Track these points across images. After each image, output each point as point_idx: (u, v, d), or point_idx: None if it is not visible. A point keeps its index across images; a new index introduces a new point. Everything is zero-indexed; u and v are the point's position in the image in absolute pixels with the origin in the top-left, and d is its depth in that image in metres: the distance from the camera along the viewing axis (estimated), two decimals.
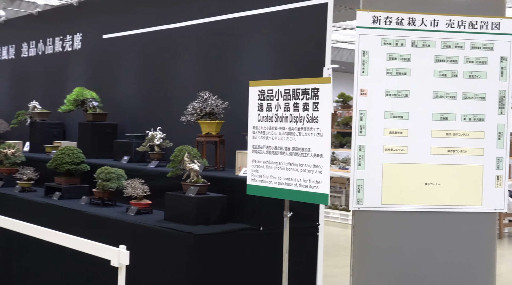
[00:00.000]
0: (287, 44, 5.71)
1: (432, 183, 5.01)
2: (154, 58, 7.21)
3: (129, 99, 7.53)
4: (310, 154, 4.15)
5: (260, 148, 4.49)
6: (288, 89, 4.31)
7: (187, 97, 6.33)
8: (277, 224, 4.88)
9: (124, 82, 7.69)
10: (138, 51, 7.45)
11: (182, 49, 6.85)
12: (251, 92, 4.55)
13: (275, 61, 5.84)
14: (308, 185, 4.15)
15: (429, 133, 4.96)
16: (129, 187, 5.55)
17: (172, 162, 5.15)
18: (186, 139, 6.35)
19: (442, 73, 5.01)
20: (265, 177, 4.44)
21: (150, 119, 7.00)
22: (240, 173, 5.23)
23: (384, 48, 5.10)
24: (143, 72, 7.36)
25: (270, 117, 4.41)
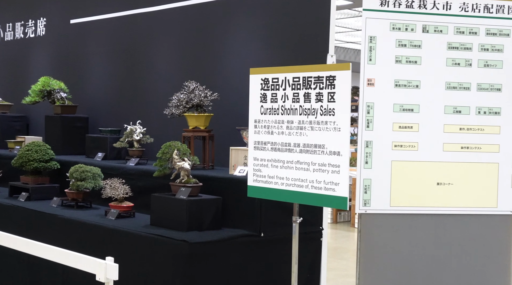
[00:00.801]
0: (283, 28, 5.22)
1: (444, 182, 4.63)
2: (129, 45, 6.63)
3: (100, 90, 6.96)
4: (325, 151, 3.68)
5: (264, 144, 4.00)
6: (298, 78, 3.83)
7: (169, 88, 5.80)
8: (278, 229, 4.43)
9: (95, 71, 7.10)
10: (111, 37, 6.87)
11: (161, 35, 6.30)
12: (252, 81, 4.06)
13: (270, 48, 5.34)
14: (323, 187, 3.69)
15: (441, 128, 4.57)
16: (108, 188, 5.00)
17: (159, 160, 4.62)
18: (168, 134, 5.84)
19: (455, 62, 4.59)
20: (269, 177, 3.96)
21: (126, 112, 6.46)
22: (235, 172, 4.74)
23: (393, 33, 4.69)
24: (117, 61, 6.79)
25: (275, 110, 3.92)
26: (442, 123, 4.41)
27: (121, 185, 5.06)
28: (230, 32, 5.67)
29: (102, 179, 5.41)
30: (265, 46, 5.38)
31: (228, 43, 5.68)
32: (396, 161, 4.49)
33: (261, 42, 5.43)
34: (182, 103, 5.31)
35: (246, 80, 5.41)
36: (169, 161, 4.62)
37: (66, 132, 6.56)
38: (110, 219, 4.90)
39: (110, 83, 6.75)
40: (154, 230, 4.45)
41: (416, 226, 4.38)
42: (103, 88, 6.82)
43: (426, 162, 4.44)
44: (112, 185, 5.06)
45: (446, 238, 4.43)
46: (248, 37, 5.54)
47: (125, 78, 6.67)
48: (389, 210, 4.44)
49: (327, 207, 4.11)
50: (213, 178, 4.78)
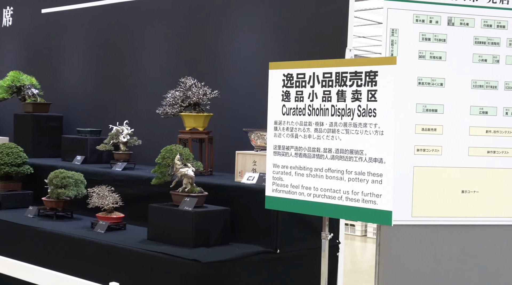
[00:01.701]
0: (295, 19, 4.76)
1: (469, 190, 4.30)
2: (110, 37, 6.10)
3: (77, 86, 6.44)
4: (364, 157, 3.23)
5: (286, 148, 3.53)
6: (329, 73, 3.38)
7: (159, 86, 5.32)
8: (295, 244, 3.98)
9: (71, 66, 6.55)
10: (89, 28, 6.34)
11: (150, 25, 5.76)
12: (272, 78, 3.59)
13: (279, 41, 4.88)
14: (361, 199, 3.24)
15: (467, 130, 4.23)
16: (96, 196, 4.46)
17: (158, 166, 4.11)
18: (159, 136, 5.35)
19: (482, 58, 4.25)
20: (293, 187, 3.50)
21: (107, 112, 5.97)
22: (242, 179, 4.25)
23: (417, 26, 4.37)
24: (96, 54, 6.29)
25: (301, 110, 3.46)
26: (468, 125, 4.09)
27: (110, 193, 4.53)
28: (232, 22, 5.17)
29: (85, 186, 4.83)
30: (273, 39, 4.91)
31: (230, 34, 5.18)
32: (419, 166, 4.11)
33: (269, 34, 4.95)
34: (178, 102, 4.79)
35: (251, 76, 4.95)
36: (169, 166, 4.10)
37: (38, 132, 6.11)
38: (99, 232, 4.35)
39: (89, 79, 6.36)
40: (155, 246, 3.93)
41: (440, 238, 4.05)
42: (80, 85, 6.43)
43: (450, 167, 4.12)
44: (100, 193, 4.52)
45: (472, 251, 4.12)
46: (254, 28, 5.06)
47: (106, 73, 6.19)
48: (410, 221, 4.06)
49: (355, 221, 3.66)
50: (217, 186, 4.28)
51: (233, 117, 5.00)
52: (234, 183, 4.29)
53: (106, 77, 6.12)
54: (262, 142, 4.34)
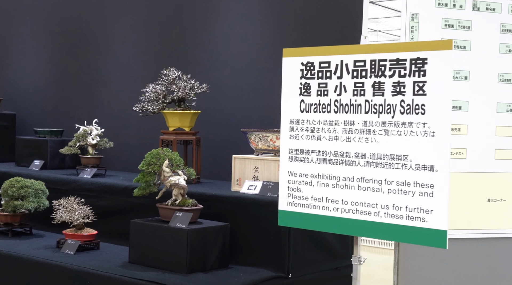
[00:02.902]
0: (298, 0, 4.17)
1: (496, 198, 4.01)
2: (74, 22, 5.58)
3: (33, 81, 5.88)
4: (409, 164, 2.70)
5: (306, 153, 2.98)
6: (362, 61, 2.84)
7: (133, 79, 4.81)
8: (308, 266, 3.42)
9: (25, 58, 5.97)
10: (47, 11, 5.73)
11: (121, 9, 5.18)
12: (287, 67, 3.05)
13: (280, 26, 4.30)
14: (405, 215, 2.71)
15: (493, 130, 3.94)
16: (62, 210, 3.82)
17: (142, 174, 3.50)
18: (135, 137, 4.77)
19: (509, 48, 3.92)
20: (314, 200, 2.95)
21: (70, 108, 5.51)
22: (242, 188, 3.67)
23: (439, 10, 4.08)
24: (56, 44, 5.72)
25: (325, 106, 2.92)
26: (494, 125, 3.76)
27: (79, 206, 3.89)
28: (222, 3, 4.55)
29: (47, 197, 4.31)
30: (273, 23, 4.32)
31: (220, 18, 4.60)
32: None
33: (268, 18, 4.38)
34: (160, 97, 4.16)
35: (247, 67, 4.36)
36: (156, 175, 3.47)
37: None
38: (68, 253, 3.73)
39: (48, 71, 5.78)
40: (140, 272, 3.31)
41: (464, 253, 3.71)
42: (37, 78, 5.88)
43: (476, 172, 3.79)
44: (67, 206, 3.87)
45: (500, 267, 3.78)
46: (249, 10, 4.46)
47: (69, 65, 5.63)
48: None
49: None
50: (212, 197, 3.70)
51: (224, 116, 4.43)
52: (231, 193, 3.71)
53: (69, 69, 5.55)
54: (264, 144, 3.75)
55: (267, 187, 3.62)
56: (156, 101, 4.23)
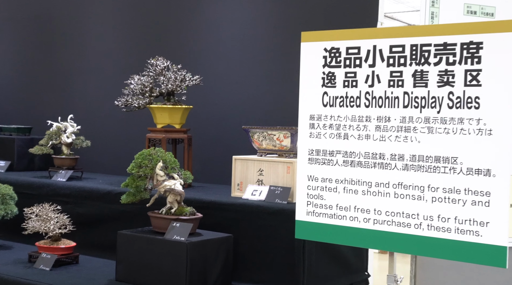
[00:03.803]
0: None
1: None
2: (44, 10, 5.03)
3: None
4: (459, 168, 2.32)
5: (330, 154, 2.57)
6: (401, 46, 2.46)
7: (113, 70, 4.43)
8: (323, 283, 3.00)
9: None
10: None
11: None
12: (306, 53, 2.65)
13: (282, 10, 3.85)
14: (453, 228, 2.33)
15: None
16: (35, 219, 3.34)
17: (131, 178, 3.05)
18: (116, 135, 4.30)
19: None
20: (340, 209, 2.54)
21: (40, 103, 5.02)
22: (244, 194, 3.25)
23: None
24: (24, 31, 5.19)
25: (354, 99, 2.53)
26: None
27: (55, 214, 3.41)
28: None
29: (16, 203, 3.83)
30: (276, 4, 3.87)
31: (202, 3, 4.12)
32: None
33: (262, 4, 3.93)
34: (146, 90, 3.69)
35: (246, 55, 3.92)
36: (149, 179, 3.01)
37: None
38: (43, 269, 3.27)
39: (12, 62, 5.27)
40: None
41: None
42: (0, 70, 5.29)
43: None
44: (41, 214, 3.38)
45: None
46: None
47: (37, 54, 5.13)
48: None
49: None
50: (210, 203, 3.27)
51: (219, 111, 3.99)
52: (232, 199, 3.27)
53: (38, 57, 5.05)
54: (270, 144, 3.31)
55: (275, 192, 3.18)
56: (142, 94, 3.75)
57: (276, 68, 3.82)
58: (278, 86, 3.79)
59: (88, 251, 3.57)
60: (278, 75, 3.79)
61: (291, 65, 3.76)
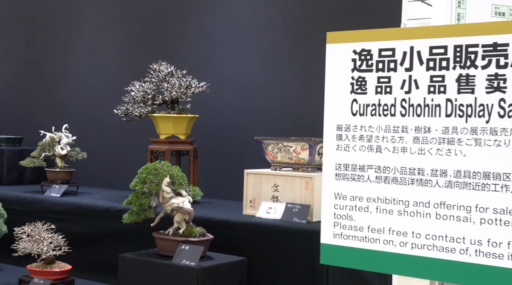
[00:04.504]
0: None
1: None
2: (30, 7, 4.77)
3: None
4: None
5: (360, 169, 2.30)
6: (442, 47, 2.20)
7: (111, 76, 4.21)
8: None
9: None
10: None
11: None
12: (332, 56, 2.41)
13: (297, 10, 3.58)
14: (506, 254, 2.07)
15: None
16: (26, 239, 3.05)
17: (135, 195, 2.77)
18: (114, 147, 4.04)
19: None
20: (372, 231, 2.29)
21: (32, 112, 4.76)
22: (258, 212, 2.96)
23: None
24: (14, 34, 4.90)
25: (387, 107, 2.29)
26: None
27: (48, 234, 3.12)
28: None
29: (5, 221, 3.55)
30: (287, 5, 3.60)
31: None
32: None
33: None
34: (149, 98, 3.40)
35: (256, 59, 3.66)
36: (153, 196, 2.72)
37: None
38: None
39: (1, 68, 4.98)
40: None
41: None
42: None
43: None
44: (33, 233, 3.11)
45: None
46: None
47: (27, 58, 4.88)
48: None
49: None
50: (220, 223, 2.97)
51: (226, 120, 3.71)
52: (245, 217, 2.99)
53: (29, 62, 4.80)
54: (285, 157, 3.03)
55: (292, 210, 2.90)
56: (143, 102, 3.47)
57: (291, 72, 3.53)
58: (294, 93, 3.50)
59: (84, 274, 3.32)
60: (294, 81, 3.51)
61: (308, 69, 3.49)
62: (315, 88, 3.42)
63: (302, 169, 3.01)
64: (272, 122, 3.55)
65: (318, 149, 3.00)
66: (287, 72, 3.53)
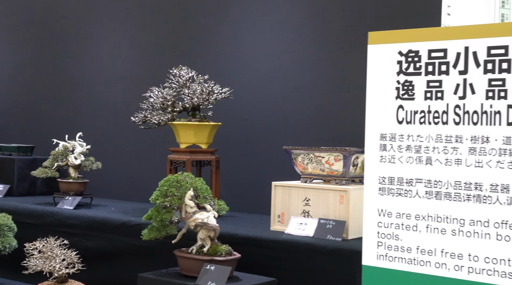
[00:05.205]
0: None
1: None
2: (42, 10, 4.60)
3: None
4: None
5: (407, 183, 2.08)
6: (502, 47, 2.06)
7: (122, 81, 4.00)
8: None
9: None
10: (13, 3, 4.74)
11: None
12: (375, 58, 2.22)
13: (323, 10, 3.35)
14: None
15: None
16: (38, 256, 2.85)
17: (155, 210, 2.54)
18: (130, 157, 3.81)
19: None
20: (422, 253, 2.07)
21: (43, 120, 4.63)
22: (288, 228, 2.73)
23: None
24: (25, 39, 4.75)
25: (438, 114, 2.09)
26: None
27: (61, 250, 2.89)
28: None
29: (15, 235, 3.34)
30: (316, 4, 3.38)
31: None
32: None
33: None
34: (169, 104, 3.18)
35: (278, 63, 3.41)
36: (175, 210, 2.48)
37: None
38: None
39: (12, 74, 4.86)
40: None
41: None
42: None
43: None
44: (45, 249, 2.90)
45: None
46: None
47: (39, 64, 4.75)
48: None
49: None
50: (245, 239, 2.71)
51: (250, 129, 3.45)
52: (272, 234, 2.77)
53: (41, 68, 4.67)
54: (317, 168, 2.79)
55: (326, 226, 2.66)
56: (162, 109, 3.24)
57: (322, 77, 3.30)
58: (324, 99, 3.27)
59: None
60: (324, 86, 3.28)
61: (339, 74, 3.23)
62: (348, 94, 3.17)
63: (336, 181, 2.77)
64: (299, 131, 3.32)
65: (353, 160, 2.75)
66: (317, 78, 3.30)
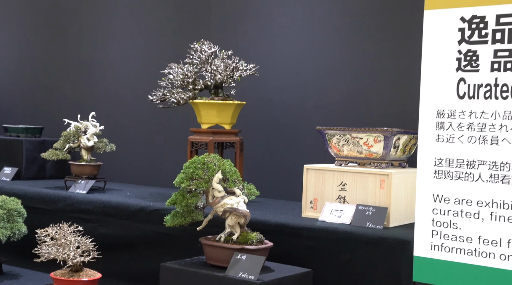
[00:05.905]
0: None
1: None
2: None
3: (2, 65, 4.68)
4: None
5: (469, 165, 1.85)
6: None
7: (136, 58, 3.78)
8: None
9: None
10: None
11: None
12: (432, 25, 1.97)
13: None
14: None
15: None
16: (50, 243, 2.64)
17: (180, 194, 2.32)
18: (147, 138, 3.56)
19: None
20: (485, 244, 1.83)
21: (53, 100, 4.40)
22: (322, 215, 2.52)
23: None
24: (30, 15, 4.49)
25: (507, 88, 1.80)
26: None
27: (75, 237, 2.67)
28: None
29: (25, 220, 3.13)
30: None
31: None
32: None
33: None
34: (190, 82, 2.94)
35: (311, 37, 3.15)
36: (202, 194, 2.25)
37: None
38: None
39: (21, 53, 4.63)
40: None
41: None
42: (7, 62, 4.71)
43: None
44: (58, 236, 2.66)
45: None
46: None
47: (48, 43, 4.50)
48: None
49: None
50: (276, 226, 2.48)
51: (277, 108, 3.19)
52: (305, 221, 2.54)
53: (50, 47, 4.41)
54: (354, 150, 2.56)
55: (365, 213, 2.43)
56: (182, 87, 3.01)
57: (358, 52, 3.02)
58: (359, 76, 3.01)
59: (113, 282, 2.82)
60: (359, 63, 3.01)
61: (380, 45, 2.96)
62: (388, 72, 2.91)
63: (375, 164, 2.53)
64: (330, 111, 3.07)
65: (395, 141, 2.52)
66: (349, 50, 3.03)
